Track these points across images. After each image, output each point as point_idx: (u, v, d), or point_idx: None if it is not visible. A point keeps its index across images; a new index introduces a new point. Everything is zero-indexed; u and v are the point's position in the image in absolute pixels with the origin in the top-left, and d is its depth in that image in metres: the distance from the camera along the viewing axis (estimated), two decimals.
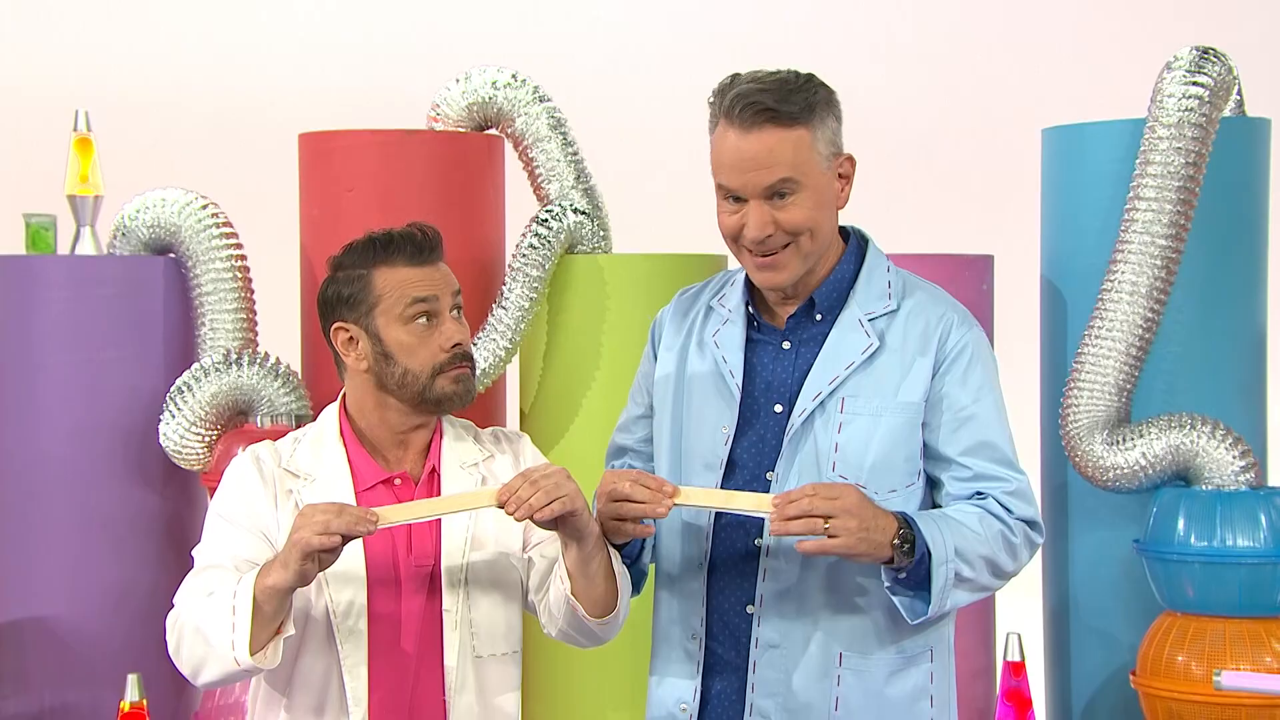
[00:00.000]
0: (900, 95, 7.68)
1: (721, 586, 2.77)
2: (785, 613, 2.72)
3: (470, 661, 2.74)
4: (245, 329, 4.68)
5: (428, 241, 2.77)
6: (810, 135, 2.66)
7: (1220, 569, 4.15)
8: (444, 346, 2.73)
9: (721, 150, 2.69)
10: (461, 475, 2.79)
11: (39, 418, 4.63)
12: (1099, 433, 4.34)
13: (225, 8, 7.95)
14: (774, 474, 2.73)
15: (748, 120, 2.64)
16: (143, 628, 4.60)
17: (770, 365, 2.77)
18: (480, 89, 4.67)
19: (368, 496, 2.74)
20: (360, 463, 2.77)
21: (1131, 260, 4.33)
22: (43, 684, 4.63)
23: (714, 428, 2.77)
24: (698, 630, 2.78)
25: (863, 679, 2.73)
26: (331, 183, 4.63)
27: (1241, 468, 4.23)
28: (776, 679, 2.72)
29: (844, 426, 2.70)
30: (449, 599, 2.72)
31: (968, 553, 2.63)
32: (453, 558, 2.73)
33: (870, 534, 2.56)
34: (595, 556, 2.67)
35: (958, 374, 2.72)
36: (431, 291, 2.73)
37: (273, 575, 2.54)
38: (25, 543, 4.63)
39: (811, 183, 2.66)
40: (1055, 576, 4.76)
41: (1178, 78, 4.34)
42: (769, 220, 2.66)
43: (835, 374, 2.71)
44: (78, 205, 4.83)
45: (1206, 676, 4.09)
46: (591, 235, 4.67)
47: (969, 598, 2.70)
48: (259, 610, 2.54)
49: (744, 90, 2.65)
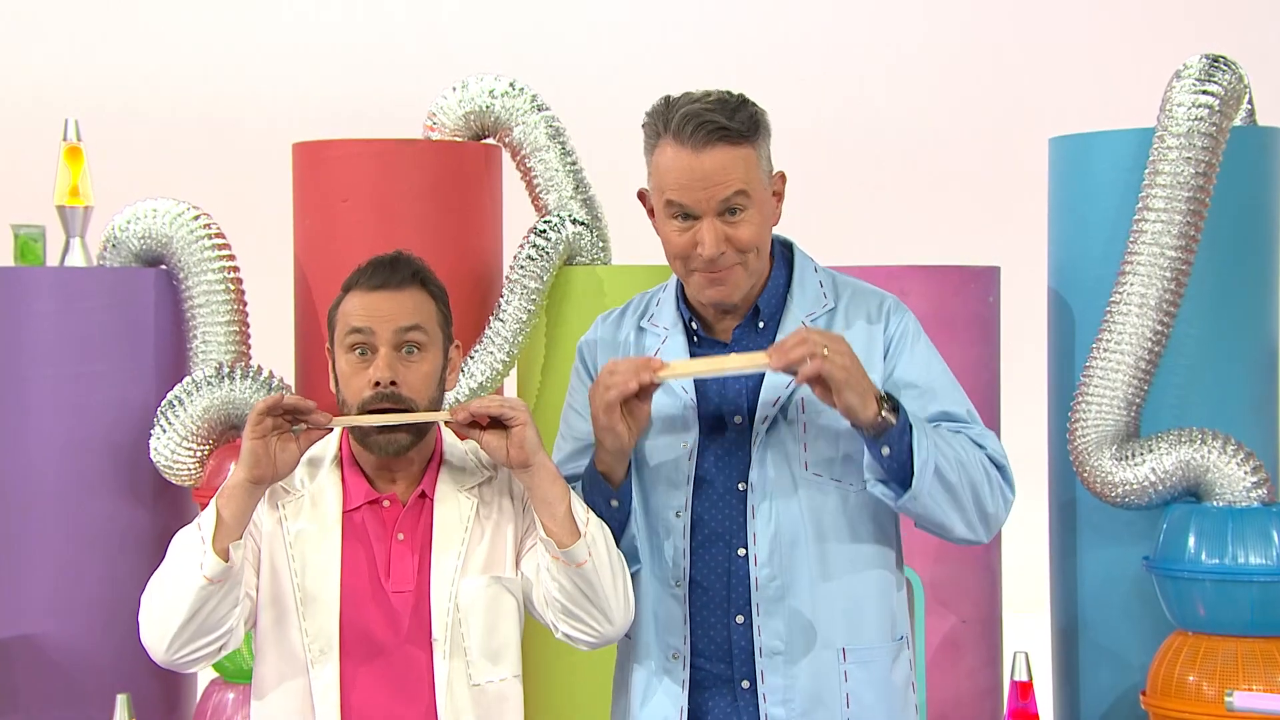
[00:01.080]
0: (907, 104, 7.67)
1: (704, 602, 2.78)
2: (783, 617, 2.74)
3: (466, 690, 2.70)
4: (238, 342, 4.65)
5: (393, 267, 2.72)
6: (755, 153, 2.71)
7: (1232, 587, 4.13)
8: (368, 383, 2.68)
9: (669, 170, 2.71)
10: (457, 499, 2.76)
11: (28, 432, 4.61)
12: (1108, 448, 4.31)
13: (218, 16, 7.91)
14: (746, 484, 2.75)
15: (700, 139, 2.67)
16: (133, 646, 4.49)
17: (719, 378, 2.78)
18: (477, 98, 4.65)
19: (353, 516, 2.73)
20: (353, 483, 2.75)
21: (1140, 272, 4.32)
22: (30, 703, 4.61)
23: (673, 445, 2.79)
24: (679, 649, 2.78)
25: (869, 671, 2.77)
26: (326, 193, 4.61)
27: (1253, 484, 4.21)
28: (785, 685, 2.74)
29: (808, 426, 2.75)
30: (438, 628, 2.69)
31: (947, 452, 2.67)
32: (442, 585, 2.70)
33: (861, 377, 2.60)
34: (548, 486, 2.66)
35: (905, 354, 2.79)
36: (367, 323, 2.69)
37: (229, 478, 2.63)
38: (13, 559, 4.61)
39: (758, 198, 2.71)
40: (1064, 594, 4.73)
41: (1187, 86, 4.33)
42: (722, 236, 2.69)
43: (790, 376, 2.73)
44: (67, 216, 4.82)
45: (1218, 697, 4.08)
46: (590, 246, 4.64)
47: (946, 504, 2.68)
48: (219, 517, 2.60)
49: (691, 110, 2.69)
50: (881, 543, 2.79)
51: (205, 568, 2.57)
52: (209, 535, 2.58)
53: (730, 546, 2.76)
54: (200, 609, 2.59)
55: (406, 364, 2.69)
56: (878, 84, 7.58)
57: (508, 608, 2.75)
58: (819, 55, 7.66)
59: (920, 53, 7.93)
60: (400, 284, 2.71)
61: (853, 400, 2.59)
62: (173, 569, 2.62)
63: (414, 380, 2.69)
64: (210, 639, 2.63)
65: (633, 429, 2.70)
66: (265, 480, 2.62)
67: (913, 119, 7.65)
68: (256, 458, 2.59)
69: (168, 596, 2.61)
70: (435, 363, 2.73)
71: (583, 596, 2.67)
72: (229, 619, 2.63)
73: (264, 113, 7.55)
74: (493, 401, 2.66)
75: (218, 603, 2.60)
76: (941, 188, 7.66)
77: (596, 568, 2.66)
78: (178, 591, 2.59)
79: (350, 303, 2.72)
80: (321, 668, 2.67)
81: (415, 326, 2.70)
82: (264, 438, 2.59)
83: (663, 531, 2.79)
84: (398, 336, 2.69)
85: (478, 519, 2.75)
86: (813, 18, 7.93)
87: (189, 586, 2.58)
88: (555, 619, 2.72)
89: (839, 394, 2.59)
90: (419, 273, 2.75)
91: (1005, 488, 2.77)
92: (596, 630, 2.70)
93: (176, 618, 2.60)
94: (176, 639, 2.61)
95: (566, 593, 2.67)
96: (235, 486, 2.60)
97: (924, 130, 7.67)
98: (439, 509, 2.74)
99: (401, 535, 2.72)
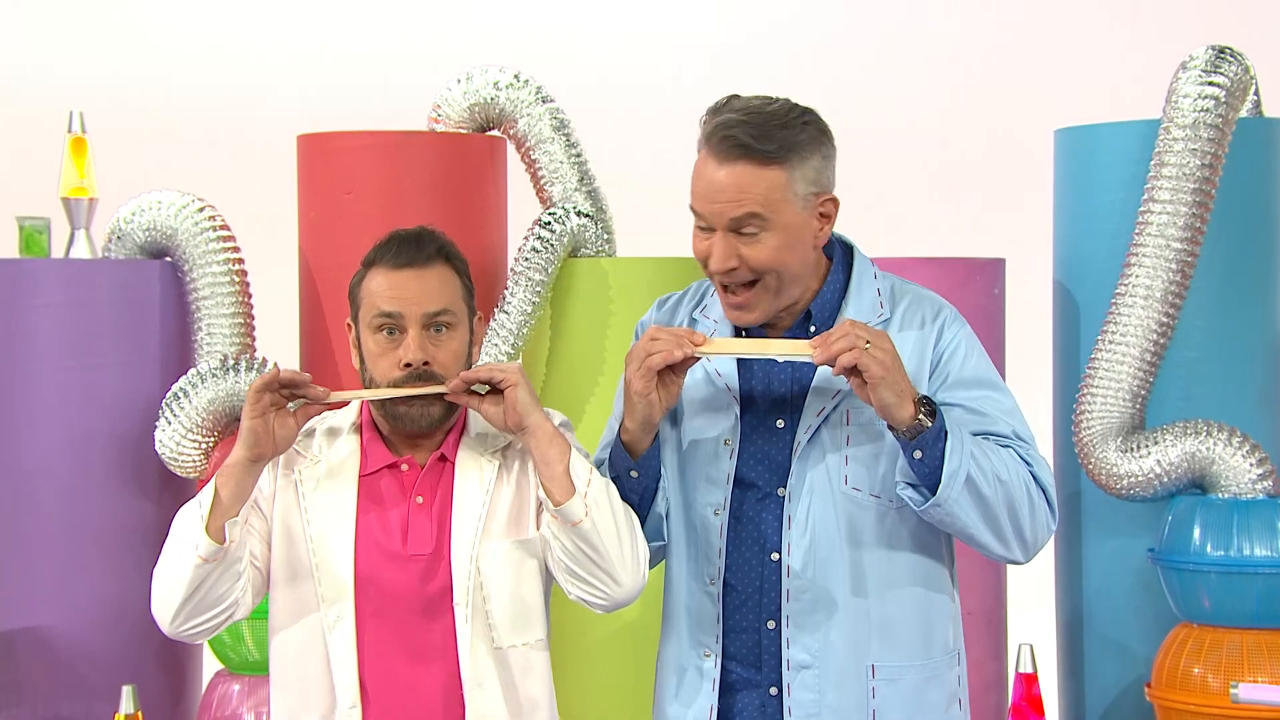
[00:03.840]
0: (911, 95, 7.65)
1: (737, 604, 2.76)
2: (813, 630, 2.71)
3: (489, 654, 2.70)
4: (243, 334, 4.65)
5: (418, 244, 2.72)
6: (785, 176, 2.64)
7: (1237, 579, 4.13)
8: (398, 363, 2.69)
9: (697, 175, 2.69)
10: (478, 463, 2.75)
11: (32, 425, 4.60)
12: (1113, 440, 4.31)
13: (222, 8, 7.90)
14: (785, 490, 2.72)
15: (724, 152, 2.63)
16: (138, 638, 4.58)
17: (764, 378, 2.76)
18: (482, 89, 4.64)
19: (370, 480, 2.74)
20: (371, 448, 2.76)
21: (1146, 264, 4.31)
22: (36, 696, 4.60)
23: (716, 443, 2.76)
24: (711, 648, 2.76)
25: (898, 689, 2.73)
26: (331, 185, 4.60)
27: (1259, 475, 4.20)
28: (811, 699, 2.71)
29: (851, 439, 2.71)
30: (460, 591, 2.69)
31: (984, 465, 2.62)
32: (463, 548, 2.70)
33: (900, 377, 2.57)
34: (545, 446, 2.68)
35: (955, 369, 2.74)
36: (395, 308, 2.70)
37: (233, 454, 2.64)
38: (18, 552, 4.60)
39: (782, 222, 2.65)
40: (1068, 587, 4.72)
41: (1193, 78, 4.31)
42: (733, 253, 2.65)
43: (838, 386, 2.71)
44: (72, 208, 4.80)
45: (1223, 689, 4.07)
46: (595, 238, 4.63)
47: (977, 518, 2.64)
48: (215, 495, 2.62)
49: (726, 120, 2.64)
50: (923, 560, 2.75)
51: (199, 548, 2.60)
52: (205, 514, 2.60)
53: (765, 551, 2.74)
54: (199, 586, 2.62)
55: (436, 342, 2.71)
56: (881, 75, 7.56)
57: (530, 571, 2.74)
58: (822, 48, 7.64)
59: (925, 44, 7.91)
60: (426, 261, 2.72)
61: (888, 398, 2.56)
62: (174, 546, 2.65)
63: (444, 358, 2.71)
64: (212, 614, 2.66)
65: (663, 401, 2.67)
66: (265, 458, 2.64)
67: (917, 110, 7.63)
68: (256, 436, 2.61)
69: (169, 573, 2.65)
70: (463, 339, 2.75)
71: (585, 557, 2.66)
72: (230, 594, 2.65)
73: (269, 105, 7.54)
74: (483, 368, 2.68)
75: (216, 580, 2.62)
76: (946, 179, 7.64)
77: (598, 528, 2.65)
78: (177, 569, 2.63)
79: (375, 281, 2.72)
80: (338, 631, 2.67)
81: (444, 310, 2.71)
82: (263, 415, 2.61)
83: (700, 528, 2.77)
84: (427, 318, 2.70)
85: (499, 482, 2.74)
86: (816, 11, 7.91)
87: (186, 564, 2.61)
88: (562, 579, 2.72)
89: (874, 390, 2.56)
90: (443, 248, 2.76)
91: (1049, 513, 2.72)
92: (604, 592, 2.69)
93: (177, 594, 2.63)
94: (179, 614, 2.65)
95: (569, 553, 2.67)
96: (234, 465, 2.62)
97: (928, 122, 7.65)
98: (460, 472, 2.74)
99: (420, 498, 2.72)
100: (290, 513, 2.73)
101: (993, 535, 2.67)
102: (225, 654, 4.49)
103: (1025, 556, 2.73)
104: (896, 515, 2.71)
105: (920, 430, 2.58)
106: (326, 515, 2.71)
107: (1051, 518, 2.74)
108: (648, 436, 2.73)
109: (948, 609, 2.79)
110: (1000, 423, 2.71)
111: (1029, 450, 2.72)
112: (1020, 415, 2.76)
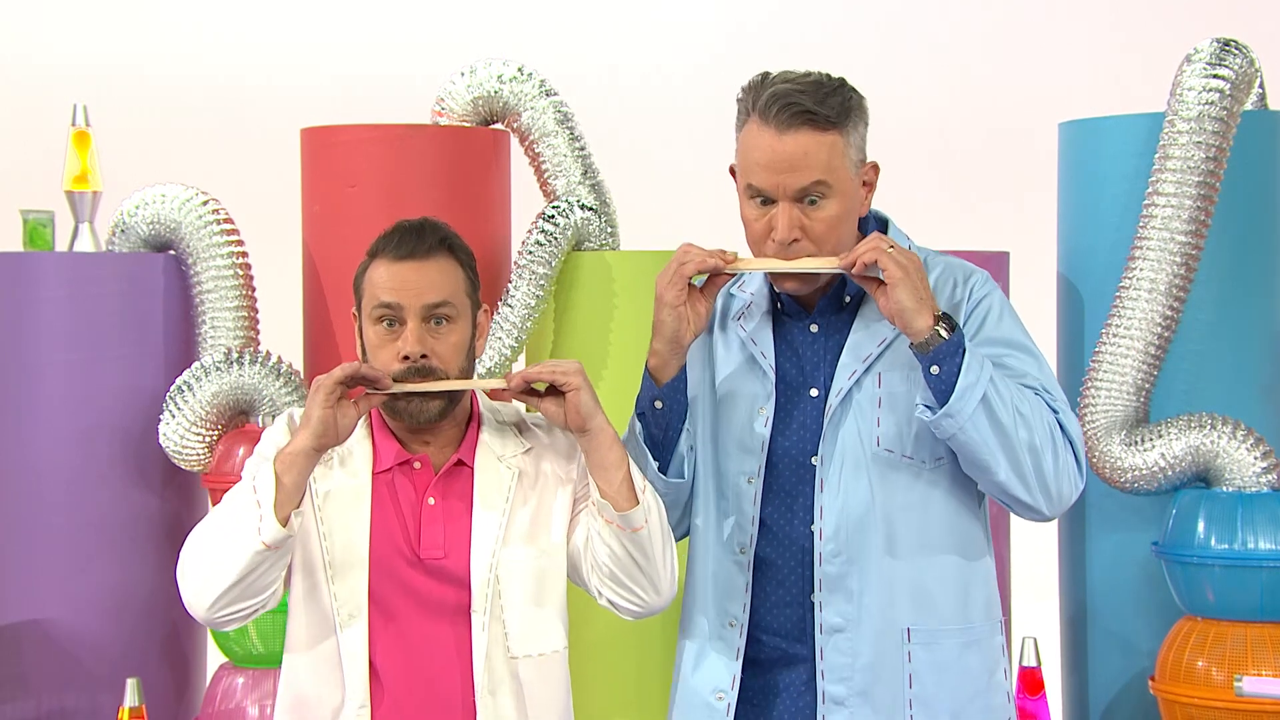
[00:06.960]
0: (915, 88, 7.65)
1: (769, 574, 2.74)
2: (845, 595, 2.69)
3: (504, 662, 2.69)
4: (246, 327, 4.65)
5: (419, 235, 2.70)
6: (843, 140, 2.65)
7: (1241, 572, 4.12)
8: (396, 355, 2.67)
9: (753, 149, 2.66)
10: (497, 468, 2.73)
11: (36, 418, 4.60)
12: (1117, 433, 4.30)
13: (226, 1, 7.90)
14: (818, 458, 2.71)
15: (784, 121, 2.62)
16: (142, 631, 4.59)
17: (799, 348, 2.77)
18: (486, 83, 4.64)
19: (384, 478, 2.71)
20: (384, 445, 2.73)
21: (1150, 257, 4.30)
22: (41, 688, 4.61)
23: (750, 411, 2.76)
24: (738, 616, 2.75)
25: (934, 652, 2.70)
26: (334, 178, 4.60)
27: (1263, 469, 4.20)
28: (845, 663, 2.69)
29: (883, 401, 2.71)
30: (478, 598, 2.67)
31: (1004, 393, 2.60)
32: (482, 556, 2.68)
33: (921, 283, 2.57)
34: (606, 450, 2.66)
35: (989, 325, 2.72)
36: (395, 298, 2.67)
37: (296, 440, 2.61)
38: (23, 545, 4.61)
39: (841, 188, 2.66)
40: (1072, 580, 4.72)
41: (1198, 70, 4.30)
42: (798, 223, 2.65)
43: (869, 351, 2.72)
44: (76, 201, 4.81)
45: (1227, 682, 4.07)
46: (599, 232, 4.63)
47: (993, 444, 2.60)
48: (279, 483, 2.59)
49: (781, 90, 2.63)
50: (958, 523, 2.73)
51: (264, 534, 2.55)
52: (268, 500, 2.56)
53: (797, 518, 2.72)
54: (251, 573, 2.58)
55: (436, 335, 2.68)
56: (885, 68, 7.56)
57: (551, 580, 2.73)
58: (825, 41, 7.64)
59: (928, 37, 7.91)
60: (428, 252, 2.69)
61: (906, 300, 2.56)
62: (225, 530, 2.59)
63: (444, 351, 2.68)
64: (254, 601, 2.62)
65: (692, 323, 2.68)
66: (329, 446, 2.62)
67: (920, 103, 7.62)
68: (325, 425, 2.58)
69: (218, 557, 2.59)
70: (465, 332, 2.72)
71: (633, 564, 2.65)
72: (274, 582, 2.62)
73: (272, 98, 7.53)
74: (544, 367, 2.66)
75: (269, 568, 2.59)
76: (950, 173, 7.64)
77: (651, 536, 2.64)
78: (230, 554, 2.57)
79: (377, 272, 2.69)
80: (350, 630, 2.65)
81: (444, 303, 2.68)
82: (333, 406, 2.58)
83: (732, 496, 2.76)
84: (426, 310, 2.67)
85: (520, 488, 2.72)
86: (818, 5, 7.91)
87: (243, 550, 2.56)
88: (601, 585, 2.69)
89: (893, 292, 2.56)
90: (446, 239, 2.73)
91: (1075, 468, 2.68)
92: (643, 600, 2.69)
93: (225, 579, 2.58)
94: (221, 599, 2.59)
95: (617, 559, 2.65)
96: (298, 453, 2.58)
97: (932, 115, 7.65)
98: (479, 478, 2.72)
99: (432, 500, 2.70)
100: (304, 508, 2.71)
101: (1013, 471, 2.62)
102: (229, 647, 4.49)
103: (1050, 508, 2.68)
104: (930, 476, 2.70)
105: (937, 342, 2.57)
106: (340, 512, 2.69)
107: (1079, 473, 2.69)
108: (676, 360, 2.72)
109: (984, 573, 2.77)
110: (1029, 378, 2.69)
111: (1057, 401, 2.69)
112: (1053, 379, 2.73)
